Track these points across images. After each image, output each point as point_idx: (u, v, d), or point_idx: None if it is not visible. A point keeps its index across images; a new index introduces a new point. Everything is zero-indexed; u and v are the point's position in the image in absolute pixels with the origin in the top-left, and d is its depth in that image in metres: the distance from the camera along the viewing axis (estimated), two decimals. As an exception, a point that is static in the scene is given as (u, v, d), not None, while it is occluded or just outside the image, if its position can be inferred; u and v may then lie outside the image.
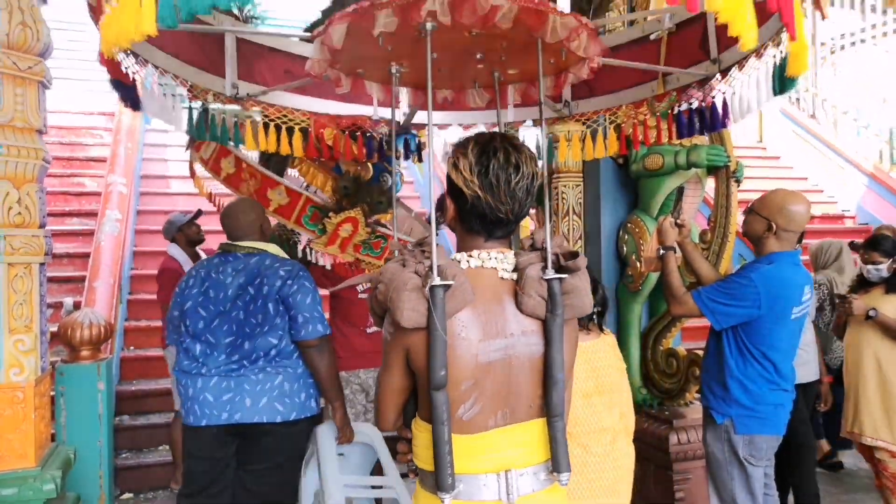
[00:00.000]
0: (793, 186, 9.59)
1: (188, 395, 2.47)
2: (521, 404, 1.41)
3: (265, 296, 2.44)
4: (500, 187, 1.38)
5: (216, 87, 2.37)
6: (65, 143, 7.65)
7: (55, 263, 5.86)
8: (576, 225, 4.12)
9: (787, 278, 2.51)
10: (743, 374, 2.55)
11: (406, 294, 1.32)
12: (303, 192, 3.50)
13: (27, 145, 2.88)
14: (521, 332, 1.40)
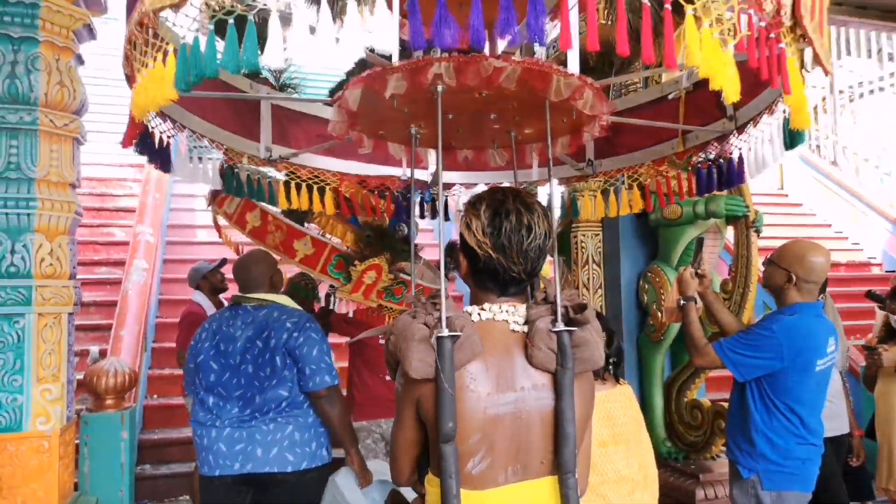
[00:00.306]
0: (816, 233, 9.56)
1: (203, 444, 2.50)
2: (533, 460, 1.38)
3: (273, 349, 2.47)
4: (513, 248, 1.39)
5: (251, 151, 2.49)
6: (95, 194, 7.86)
7: (83, 312, 5.94)
8: (595, 274, 4.13)
9: (810, 330, 2.48)
10: (769, 428, 2.50)
11: (414, 344, 1.33)
12: (328, 242, 3.59)
13: (61, 199, 2.99)
14: (531, 385, 1.38)
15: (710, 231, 3.66)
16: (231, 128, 2.45)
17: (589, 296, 4.12)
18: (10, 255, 2.87)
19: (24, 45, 2.92)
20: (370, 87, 1.61)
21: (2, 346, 2.85)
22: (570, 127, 1.92)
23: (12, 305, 2.85)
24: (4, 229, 2.87)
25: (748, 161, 2.24)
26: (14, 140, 2.90)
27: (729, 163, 2.32)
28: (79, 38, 3.19)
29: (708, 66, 1.27)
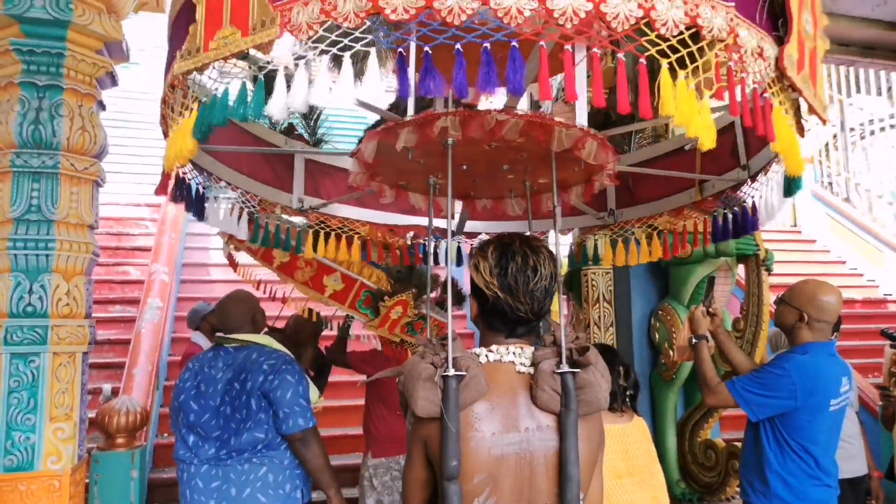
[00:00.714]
0: (830, 270, 9.50)
1: (182, 479, 2.55)
2: (538, 500, 1.39)
3: (248, 392, 2.49)
4: (519, 289, 1.43)
5: (283, 201, 2.60)
6: (112, 234, 7.99)
7: (97, 349, 5.96)
8: (606, 312, 4.13)
9: (823, 369, 2.47)
10: (783, 468, 2.48)
11: (420, 384, 1.37)
12: (357, 278, 3.66)
13: (79, 240, 3.05)
14: (536, 426, 1.40)
15: (720, 269, 3.67)
16: (265, 180, 2.57)
17: (600, 334, 4.11)
18: (27, 295, 2.92)
19: (48, 93, 3.02)
20: (384, 140, 1.68)
21: (16, 385, 2.88)
22: (583, 176, 1.98)
23: (28, 345, 2.89)
24: (24, 269, 2.93)
25: (760, 208, 2.28)
26: (36, 183, 2.98)
27: (743, 210, 2.37)
28: (101, 84, 3.30)
29: (681, 115, 1.32)
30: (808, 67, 1.65)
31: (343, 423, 5.60)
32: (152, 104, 8.72)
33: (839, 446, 2.64)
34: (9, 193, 2.96)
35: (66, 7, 3.00)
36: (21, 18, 2.95)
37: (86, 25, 3.05)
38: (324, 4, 1.34)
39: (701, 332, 2.73)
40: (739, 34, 1.43)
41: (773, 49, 1.54)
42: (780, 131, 1.52)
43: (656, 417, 3.89)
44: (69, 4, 3.00)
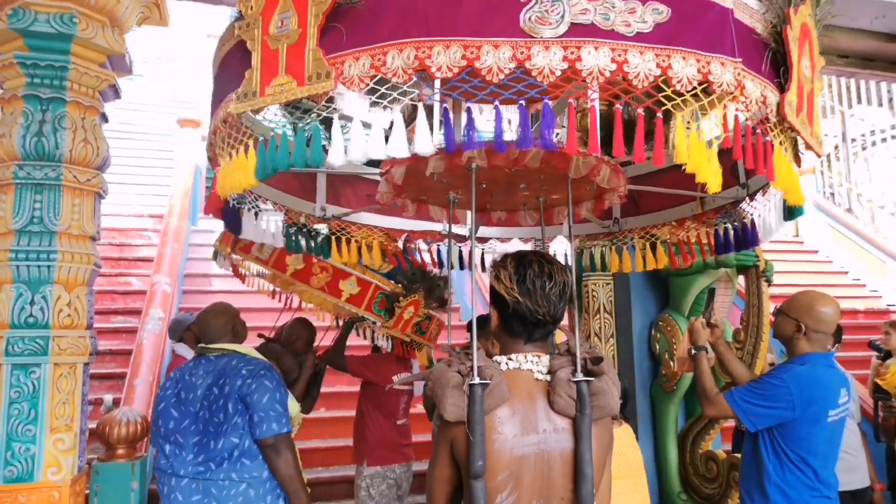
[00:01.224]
0: (833, 281, 9.48)
1: (162, 492, 2.56)
2: (554, 496, 1.53)
3: (226, 395, 2.51)
4: (537, 292, 1.56)
5: (308, 210, 2.74)
6: (115, 244, 8.01)
7: (99, 360, 5.99)
8: (607, 323, 4.13)
9: (821, 380, 2.47)
10: (782, 480, 2.47)
11: (449, 391, 1.51)
12: (372, 281, 3.75)
13: (80, 251, 3.07)
14: (552, 429, 1.54)
15: (721, 280, 3.67)
16: (291, 191, 2.70)
17: (601, 345, 4.11)
18: (29, 306, 2.94)
19: (52, 105, 3.05)
20: (413, 166, 1.83)
21: (17, 396, 2.88)
22: (594, 194, 2.13)
23: (29, 355, 2.90)
24: (25, 280, 2.95)
25: (759, 226, 2.38)
26: (38, 195, 3.00)
27: (744, 225, 2.46)
28: (104, 97, 3.33)
29: (693, 163, 1.48)
30: (806, 109, 1.78)
31: (344, 434, 5.59)
32: (155, 116, 8.87)
33: (840, 458, 2.63)
34: (11, 205, 2.98)
35: (70, 21, 3.03)
36: (25, 32, 2.99)
37: (89, 39, 3.08)
38: (374, 60, 1.47)
39: (701, 343, 2.73)
40: (746, 86, 1.55)
41: (775, 96, 1.66)
42: (780, 170, 1.64)
43: (657, 429, 3.88)
44: (73, 19, 3.03)
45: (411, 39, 1.46)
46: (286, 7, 1.59)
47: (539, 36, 1.42)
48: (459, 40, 1.44)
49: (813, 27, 1.83)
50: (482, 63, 1.42)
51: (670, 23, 1.48)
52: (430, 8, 1.46)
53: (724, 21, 1.56)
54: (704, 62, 1.50)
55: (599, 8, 1.42)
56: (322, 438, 5.77)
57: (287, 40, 1.59)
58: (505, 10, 1.43)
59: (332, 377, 5.47)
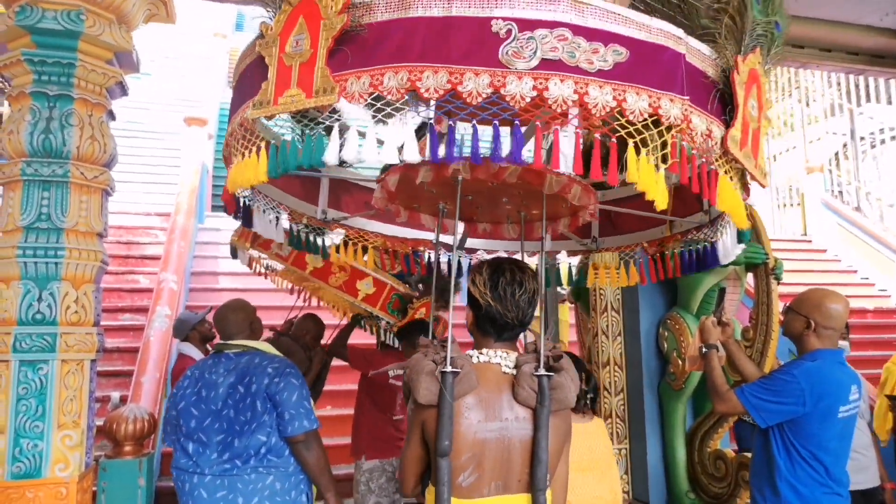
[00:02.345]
0: (841, 280, 9.43)
1: (184, 491, 2.53)
2: (512, 479, 1.70)
3: (254, 394, 2.53)
4: (507, 298, 1.75)
5: (310, 213, 2.94)
6: (122, 242, 8.03)
7: (106, 358, 6.01)
8: (614, 321, 4.11)
9: (831, 375, 2.47)
10: (793, 476, 2.46)
11: (423, 377, 1.69)
12: (387, 282, 3.86)
13: (88, 248, 3.07)
14: (514, 417, 1.71)
15: (729, 278, 3.64)
16: (295, 194, 2.89)
17: (608, 343, 4.09)
18: (37, 303, 2.94)
19: (59, 102, 3.05)
20: (406, 174, 2.03)
21: (25, 393, 2.89)
22: (569, 211, 2.36)
23: (37, 352, 2.90)
24: (33, 277, 2.95)
25: (718, 248, 2.57)
26: (46, 192, 3.01)
27: (705, 248, 2.68)
28: (111, 94, 3.33)
29: (643, 183, 1.69)
30: (751, 144, 2.00)
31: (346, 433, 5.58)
32: (162, 114, 8.90)
33: (851, 457, 2.61)
34: (19, 202, 2.98)
35: (78, 18, 3.03)
36: (33, 29, 2.99)
37: (96, 36, 3.08)
38: (373, 79, 1.69)
39: (711, 342, 2.73)
40: (692, 120, 1.78)
41: (720, 130, 1.88)
42: (724, 194, 1.86)
43: (665, 428, 3.86)
44: (80, 15, 3.03)
45: (406, 64, 1.68)
46: (301, 30, 1.82)
47: (514, 67, 1.63)
48: (446, 67, 1.65)
49: (762, 73, 2.03)
50: (464, 87, 1.63)
51: (628, 62, 1.69)
52: (423, 38, 1.68)
53: (676, 64, 1.78)
54: (655, 98, 1.72)
55: (567, 47, 1.65)
56: (328, 437, 5.73)
57: (300, 58, 1.80)
58: (487, 44, 1.65)
59: (338, 376, 5.48)
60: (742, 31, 1.97)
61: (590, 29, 1.68)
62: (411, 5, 1.71)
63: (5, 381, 2.89)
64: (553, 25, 1.66)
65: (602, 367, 4.09)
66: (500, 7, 1.66)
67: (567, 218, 2.44)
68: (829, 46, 5.64)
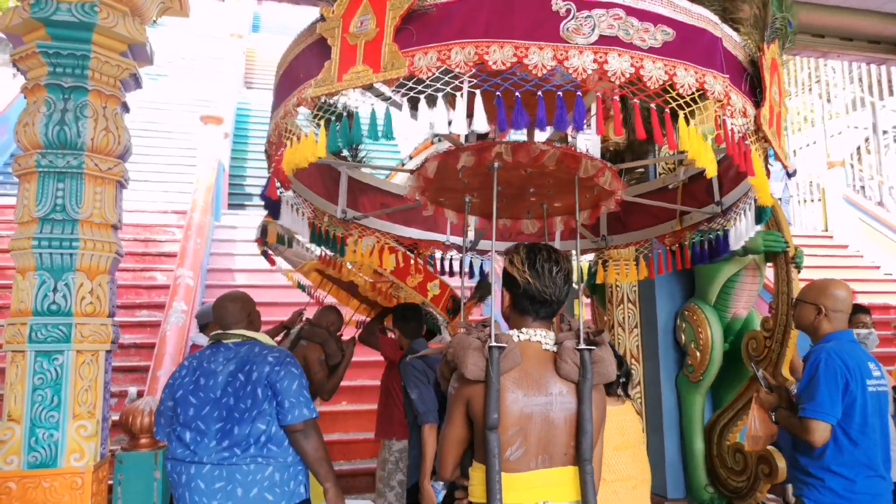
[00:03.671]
0: (864, 275, 9.26)
1: (180, 482, 2.49)
2: (558, 452, 1.74)
3: (255, 382, 2.51)
4: (545, 275, 1.81)
5: (331, 211, 3.06)
6: (139, 240, 8.09)
7: (123, 353, 6.07)
8: (631, 313, 4.06)
9: (850, 350, 2.55)
10: (835, 461, 2.47)
11: (470, 352, 1.73)
12: (449, 285, 4.10)
13: (102, 239, 3.08)
14: (558, 392, 1.75)
15: (748, 268, 3.57)
16: (319, 192, 3.00)
17: (625, 335, 4.04)
18: (52, 294, 2.96)
19: (74, 94, 3.07)
20: (446, 161, 2.14)
21: (41, 383, 2.91)
22: (591, 203, 2.48)
23: (52, 342, 2.92)
24: (48, 268, 2.97)
25: (731, 235, 2.69)
26: (61, 183, 3.02)
27: (717, 238, 2.77)
28: (125, 87, 3.34)
29: (693, 150, 1.81)
30: (776, 126, 2.12)
31: (366, 428, 5.58)
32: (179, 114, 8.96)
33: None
34: (34, 193, 3.00)
35: (91, 10, 3.04)
36: (47, 21, 3.01)
37: (110, 28, 3.10)
38: (440, 54, 1.78)
39: (775, 405, 2.75)
40: (731, 97, 1.91)
41: (752, 110, 2.01)
42: (756, 169, 1.96)
43: (683, 420, 3.80)
44: (94, 8, 3.04)
45: (473, 39, 1.77)
46: (366, 11, 1.91)
47: (574, 42, 1.74)
48: (511, 42, 1.75)
49: (780, 64, 2.19)
50: (529, 60, 1.73)
51: (675, 41, 1.83)
52: (489, 16, 1.78)
53: (715, 46, 1.92)
54: (701, 74, 1.85)
55: (622, 25, 1.77)
56: (344, 432, 5.77)
57: (365, 37, 1.89)
58: (549, 21, 1.76)
59: (354, 372, 5.47)
60: (765, 23, 2.11)
61: (640, 10, 1.80)
62: None
63: (21, 371, 2.91)
64: (609, 6, 1.78)
65: (619, 359, 4.05)
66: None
67: (588, 210, 2.59)
68: (851, 35, 5.54)
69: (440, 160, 2.14)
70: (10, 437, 2.88)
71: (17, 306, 3.00)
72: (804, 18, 5.24)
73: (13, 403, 2.91)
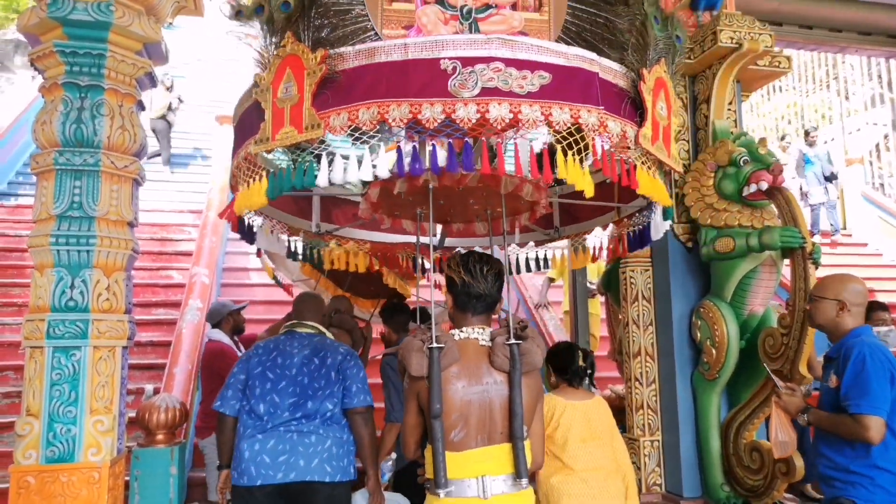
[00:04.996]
0: (883, 274, 9.15)
1: (244, 457, 2.71)
2: (495, 432, 2.05)
3: (329, 366, 2.86)
4: (477, 274, 2.12)
5: (305, 227, 3.37)
6: (156, 239, 8.15)
7: (140, 351, 6.12)
8: (645, 310, 4.03)
9: (880, 344, 2.50)
10: (883, 459, 2.39)
11: (414, 354, 2.03)
12: None
13: (119, 236, 3.11)
14: (493, 381, 2.06)
15: (765, 264, 3.53)
16: (291, 211, 3.30)
17: (639, 333, 4.01)
18: (69, 290, 2.99)
19: (90, 93, 3.10)
20: (385, 186, 2.45)
21: (58, 378, 2.94)
22: (527, 206, 2.85)
23: (70, 338, 2.95)
24: (66, 265, 3.00)
25: (651, 227, 3.00)
26: (78, 181, 3.06)
27: (644, 228, 3.09)
28: (141, 85, 3.37)
29: (571, 178, 2.10)
30: (662, 139, 2.36)
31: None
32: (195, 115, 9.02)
33: None
34: (52, 191, 3.04)
35: (107, 9, 3.07)
36: (64, 21, 3.04)
37: (126, 27, 3.12)
38: (350, 114, 2.05)
39: (802, 407, 2.62)
40: (608, 125, 2.14)
41: (633, 131, 2.22)
42: (643, 181, 2.24)
43: (698, 419, 3.75)
44: (110, 7, 3.07)
45: (375, 100, 2.04)
46: (289, 79, 2.17)
47: (461, 96, 1.99)
48: (407, 100, 2.01)
49: (668, 79, 2.41)
50: (423, 115, 2.00)
51: (551, 84, 2.05)
52: (388, 79, 2.04)
53: (591, 81, 2.13)
54: (576, 110, 2.08)
55: (501, 76, 2.01)
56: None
57: (290, 102, 2.16)
58: (438, 79, 2.01)
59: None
60: (646, 47, 2.34)
61: (518, 60, 2.03)
62: (376, 53, 2.08)
63: (40, 366, 2.94)
64: (489, 60, 2.02)
65: (633, 357, 4.01)
66: (446, 49, 2.03)
67: (526, 213, 2.92)
68: (869, 29, 5.46)
69: (381, 186, 2.45)
70: (28, 432, 2.91)
71: (35, 302, 3.03)
72: (822, 12, 5.18)
73: (31, 399, 2.95)
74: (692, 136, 4.04)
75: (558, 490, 2.65)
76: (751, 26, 3.73)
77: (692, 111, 4.05)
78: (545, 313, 6.93)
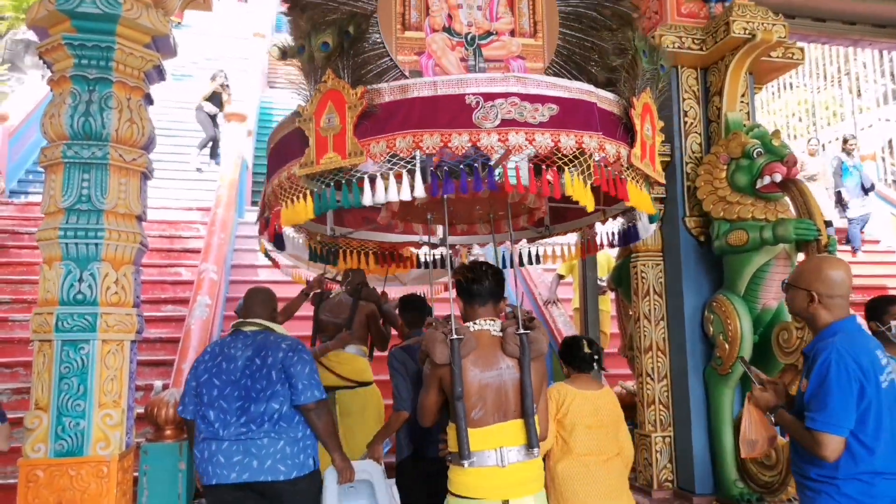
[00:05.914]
0: (897, 270, 8.99)
1: (203, 458, 2.80)
2: (509, 410, 2.38)
3: (269, 366, 2.84)
4: (479, 273, 2.51)
5: (321, 231, 3.76)
6: (165, 236, 8.15)
7: (149, 347, 6.13)
8: (657, 305, 3.99)
9: (860, 343, 2.24)
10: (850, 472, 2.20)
11: (438, 344, 2.37)
12: None
13: (127, 230, 3.10)
14: (506, 366, 2.40)
15: (779, 257, 3.49)
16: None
17: (650, 328, 3.97)
18: (78, 283, 2.98)
19: (98, 86, 3.09)
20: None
21: (67, 372, 2.93)
22: (526, 210, 3.35)
23: (78, 332, 2.94)
24: (74, 258, 2.99)
25: (639, 227, 3.32)
26: (86, 174, 3.05)
27: (632, 226, 3.39)
28: (149, 78, 3.36)
29: (576, 194, 2.37)
30: (649, 156, 2.68)
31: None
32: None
33: None
34: (60, 184, 3.03)
35: (116, 2, 3.06)
36: (73, 13, 3.03)
37: (134, 20, 3.11)
38: (388, 143, 2.35)
39: (773, 405, 2.42)
40: (606, 147, 2.46)
41: (626, 151, 2.55)
42: (632, 193, 2.55)
43: (711, 414, 3.72)
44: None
45: (410, 130, 2.32)
46: (331, 111, 2.43)
47: (484, 127, 2.30)
48: (438, 130, 2.31)
49: (653, 104, 2.71)
50: (452, 143, 2.30)
51: (559, 114, 2.37)
52: (421, 112, 2.33)
53: (591, 110, 2.45)
54: (579, 136, 2.39)
55: (517, 109, 2.33)
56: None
57: (333, 131, 2.42)
58: (464, 112, 2.32)
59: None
60: (636, 79, 2.63)
61: (531, 95, 2.34)
62: (409, 89, 2.37)
63: (48, 359, 2.94)
64: (507, 96, 2.33)
65: (644, 352, 3.97)
66: (470, 86, 2.34)
67: (525, 216, 3.43)
68: (883, 22, 5.39)
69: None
70: (37, 426, 2.91)
71: (43, 296, 3.03)
72: (835, 4, 5.11)
73: (40, 392, 2.94)
74: (704, 128, 4.00)
75: (562, 475, 2.89)
76: (764, 17, 3.69)
77: (704, 103, 4.01)
78: (554, 310, 6.89)
